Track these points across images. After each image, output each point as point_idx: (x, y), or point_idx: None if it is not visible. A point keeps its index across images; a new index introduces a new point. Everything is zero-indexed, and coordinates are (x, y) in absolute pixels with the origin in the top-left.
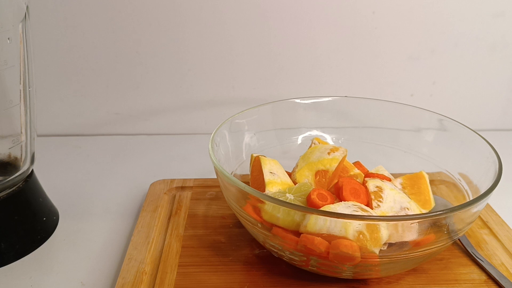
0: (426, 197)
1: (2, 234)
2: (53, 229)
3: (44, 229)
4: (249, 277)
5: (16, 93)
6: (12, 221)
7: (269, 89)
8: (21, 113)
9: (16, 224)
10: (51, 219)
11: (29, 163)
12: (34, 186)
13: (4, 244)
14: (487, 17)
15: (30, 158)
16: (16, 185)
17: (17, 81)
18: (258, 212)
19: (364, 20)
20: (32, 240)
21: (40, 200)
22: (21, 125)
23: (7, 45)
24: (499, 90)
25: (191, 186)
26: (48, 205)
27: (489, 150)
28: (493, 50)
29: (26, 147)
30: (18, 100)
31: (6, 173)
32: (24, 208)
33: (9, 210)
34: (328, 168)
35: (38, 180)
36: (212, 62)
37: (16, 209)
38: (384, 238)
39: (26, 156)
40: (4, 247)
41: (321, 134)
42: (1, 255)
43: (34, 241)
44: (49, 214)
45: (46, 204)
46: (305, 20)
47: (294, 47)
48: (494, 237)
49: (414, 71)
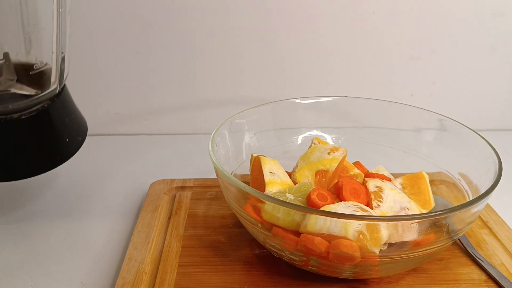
0: (426, 197)
1: (19, 150)
2: (75, 151)
3: (65, 150)
4: (249, 277)
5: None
6: (33, 138)
7: (269, 89)
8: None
9: (35, 141)
10: (75, 140)
11: (58, 82)
12: (62, 106)
13: (17, 159)
14: (487, 17)
15: (59, 77)
16: (41, 104)
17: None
18: (258, 212)
19: (364, 20)
20: (50, 159)
21: (66, 120)
22: (53, 42)
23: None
24: (499, 90)
25: (191, 186)
26: (75, 125)
27: (489, 150)
28: (493, 50)
29: (56, 65)
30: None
31: (36, 87)
32: (47, 127)
33: (32, 128)
34: (328, 168)
35: (69, 98)
36: (212, 62)
37: (39, 128)
38: (384, 238)
39: (56, 74)
40: (16, 162)
41: (321, 134)
42: (11, 169)
43: (52, 161)
44: (74, 135)
45: (72, 124)
46: (305, 20)
47: (294, 47)
48: (494, 237)
49: (414, 71)
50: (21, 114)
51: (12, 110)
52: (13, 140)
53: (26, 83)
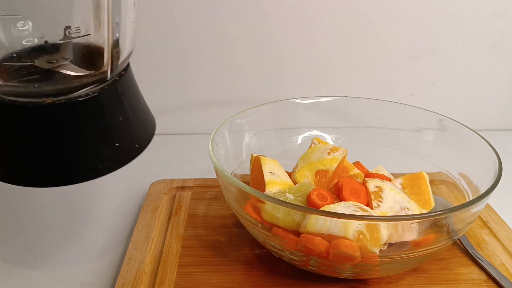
0: (426, 197)
1: (87, 142)
2: (127, 159)
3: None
4: (249, 277)
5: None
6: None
7: (269, 89)
8: None
9: (105, 131)
10: (128, 144)
11: (109, 64)
12: (115, 98)
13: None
14: (488, 17)
15: (110, 57)
16: (86, 89)
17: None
18: (258, 212)
19: (364, 20)
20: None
21: (120, 118)
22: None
23: None
24: (499, 90)
25: (191, 186)
26: (131, 126)
27: (489, 150)
28: (494, 50)
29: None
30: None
31: (95, 64)
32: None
33: (97, 112)
34: (328, 168)
35: (130, 89)
36: (212, 62)
37: (105, 112)
38: (384, 238)
39: (108, 51)
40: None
41: (321, 134)
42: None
43: (92, 168)
44: (127, 138)
45: (127, 124)
46: (305, 20)
47: (294, 47)
48: (494, 237)
49: (414, 71)
50: (56, 100)
51: (72, 88)
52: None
53: (81, 64)
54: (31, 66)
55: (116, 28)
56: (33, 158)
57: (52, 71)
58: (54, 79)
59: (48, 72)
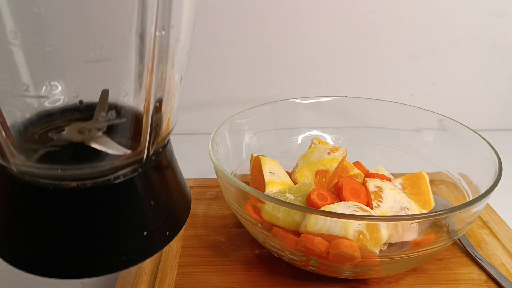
0: (426, 197)
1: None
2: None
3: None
4: (249, 277)
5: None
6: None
7: (269, 89)
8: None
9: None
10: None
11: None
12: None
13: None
14: (488, 17)
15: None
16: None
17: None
18: (258, 212)
19: (364, 20)
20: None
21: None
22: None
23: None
24: (499, 90)
25: (191, 186)
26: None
27: (489, 150)
28: (493, 50)
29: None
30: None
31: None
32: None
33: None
34: (328, 168)
35: (167, 170)
36: (212, 62)
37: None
38: (384, 238)
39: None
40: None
41: (321, 134)
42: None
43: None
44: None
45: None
46: (305, 20)
47: (294, 47)
48: (494, 237)
49: (414, 71)
50: (81, 184)
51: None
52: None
53: (116, 138)
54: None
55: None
56: (48, 247)
57: (81, 146)
58: (81, 159)
59: (76, 148)
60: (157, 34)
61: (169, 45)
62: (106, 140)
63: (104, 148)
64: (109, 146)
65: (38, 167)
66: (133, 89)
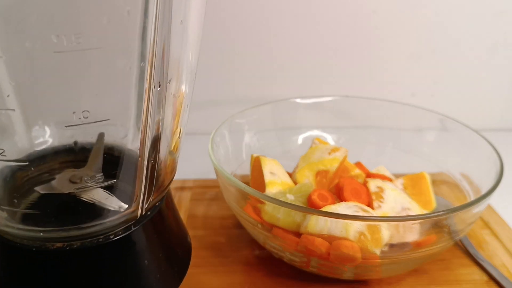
0: (427, 197)
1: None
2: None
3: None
4: (249, 278)
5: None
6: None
7: (269, 89)
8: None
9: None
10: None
11: (142, 200)
12: (146, 239)
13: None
14: (489, 16)
15: (143, 194)
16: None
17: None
18: (258, 213)
19: (365, 19)
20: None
21: (145, 262)
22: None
23: None
24: (501, 89)
25: (190, 187)
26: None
27: (490, 150)
28: (495, 50)
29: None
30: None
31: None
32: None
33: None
34: (329, 168)
35: (165, 223)
36: (212, 61)
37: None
38: (385, 238)
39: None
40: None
41: (321, 134)
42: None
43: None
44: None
45: (158, 268)
46: (305, 19)
47: (294, 47)
48: (495, 237)
49: (415, 71)
50: (67, 245)
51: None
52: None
53: (110, 190)
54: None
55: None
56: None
57: (72, 198)
58: (67, 221)
59: (61, 208)
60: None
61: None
62: (101, 192)
63: (98, 201)
64: (103, 199)
65: (19, 228)
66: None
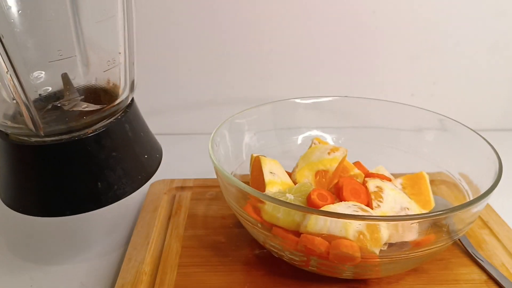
0: (427, 197)
1: (99, 172)
2: (155, 169)
3: (145, 168)
4: (249, 277)
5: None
6: (110, 157)
7: (269, 89)
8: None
9: (114, 161)
10: (153, 156)
11: (129, 90)
12: (135, 119)
13: (101, 183)
14: (488, 16)
15: (130, 85)
16: (114, 116)
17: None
18: (258, 212)
19: (365, 19)
20: (132, 180)
21: (142, 134)
22: (119, 44)
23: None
24: (500, 90)
25: (191, 186)
26: (151, 140)
27: (489, 150)
28: (494, 50)
29: (126, 72)
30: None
31: (103, 102)
32: (124, 143)
33: (107, 145)
34: (329, 168)
35: (139, 111)
36: (212, 62)
37: (114, 144)
38: (385, 238)
39: (126, 82)
40: (101, 187)
41: (321, 134)
42: (98, 196)
43: (133, 182)
44: (151, 151)
45: (148, 139)
46: (305, 19)
47: (294, 47)
48: (494, 237)
49: (415, 71)
50: (95, 130)
51: (84, 124)
52: (91, 160)
53: (93, 101)
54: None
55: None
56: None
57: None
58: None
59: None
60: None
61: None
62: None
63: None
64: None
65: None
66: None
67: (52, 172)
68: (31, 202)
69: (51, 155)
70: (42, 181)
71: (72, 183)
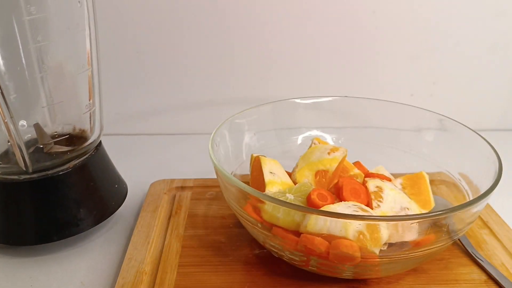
0: (426, 197)
1: (81, 200)
2: (124, 197)
3: (117, 196)
4: (249, 277)
5: (84, 59)
6: (88, 187)
7: (269, 89)
8: (90, 79)
9: (92, 190)
10: (121, 187)
11: (99, 131)
12: (104, 155)
13: (83, 210)
14: (488, 16)
15: (100, 126)
16: (88, 153)
17: (86, 46)
18: (258, 212)
19: (365, 19)
20: (107, 206)
21: (110, 167)
22: (90, 92)
23: (78, 9)
24: (500, 90)
25: (191, 186)
26: (117, 173)
27: (489, 150)
28: (494, 50)
29: (95, 115)
30: (88, 65)
31: (76, 143)
32: (98, 175)
33: (85, 177)
34: (328, 168)
35: (105, 150)
36: (212, 62)
37: (90, 176)
38: (384, 238)
39: (95, 124)
40: (83, 213)
41: (321, 134)
42: (81, 221)
43: (108, 208)
44: (119, 182)
45: (116, 172)
46: (305, 19)
47: (294, 47)
48: (494, 237)
49: (415, 71)
50: (75, 165)
51: (64, 161)
52: (72, 190)
53: (65, 144)
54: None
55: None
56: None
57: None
58: (48, 157)
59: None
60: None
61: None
62: (59, 146)
63: (61, 150)
64: (63, 148)
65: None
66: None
67: (40, 204)
68: (21, 234)
69: (39, 189)
70: (32, 213)
71: (57, 211)
